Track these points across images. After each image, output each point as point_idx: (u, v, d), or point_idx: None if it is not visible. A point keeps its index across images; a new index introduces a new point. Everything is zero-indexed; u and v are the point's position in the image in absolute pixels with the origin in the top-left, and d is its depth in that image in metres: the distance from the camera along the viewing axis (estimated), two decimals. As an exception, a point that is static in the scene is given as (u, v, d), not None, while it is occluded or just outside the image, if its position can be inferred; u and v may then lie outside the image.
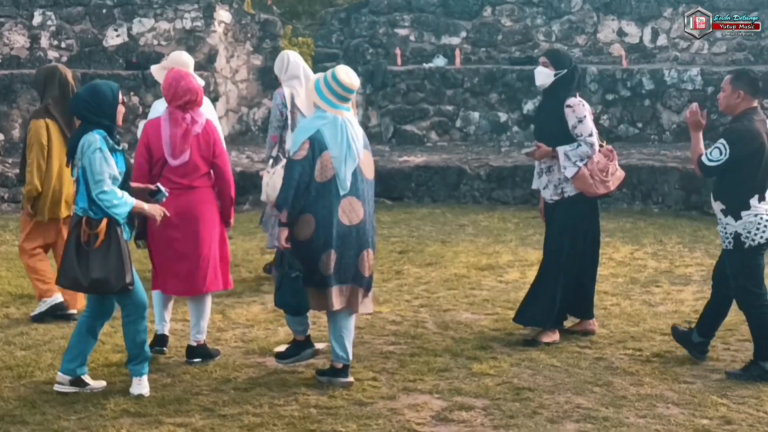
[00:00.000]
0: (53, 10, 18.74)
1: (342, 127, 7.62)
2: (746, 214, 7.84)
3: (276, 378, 7.81)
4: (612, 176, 8.69)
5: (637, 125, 17.67)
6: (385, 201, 15.70)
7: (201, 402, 7.32)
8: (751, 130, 7.86)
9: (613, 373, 7.94)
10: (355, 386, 7.58)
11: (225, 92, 19.24)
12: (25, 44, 18.54)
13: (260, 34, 19.97)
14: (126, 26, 18.91)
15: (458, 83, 18.36)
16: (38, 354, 8.49)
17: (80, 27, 18.80)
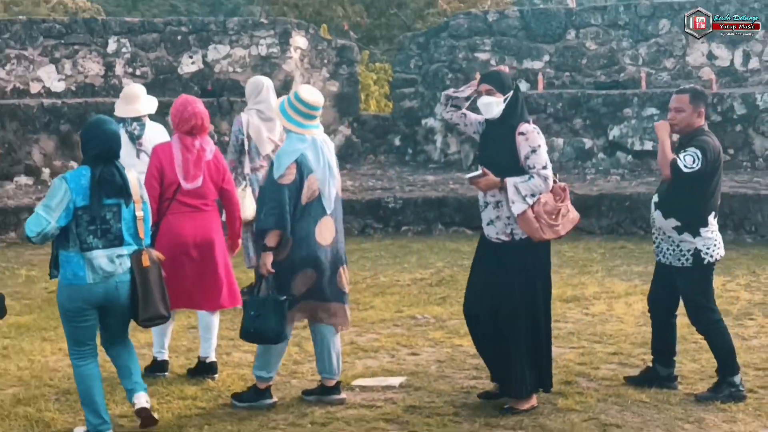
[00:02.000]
0: (128, 37, 19.04)
1: (321, 149, 7.89)
2: (705, 230, 7.93)
3: (354, 413, 7.80)
4: (563, 219, 7.64)
5: (729, 151, 17.43)
6: (465, 230, 15.72)
7: (281, 436, 7.38)
8: (716, 145, 7.99)
9: (705, 410, 7.82)
10: (435, 422, 7.57)
11: (301, 119, 19.37)
12: (99, 72, 18.85)
13: (337, 60, 20.12)
14: (201, 53, 19.17)
15: (541, 108, 18.32)
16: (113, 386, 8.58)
17: (155, 54, 19.09)
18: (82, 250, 7.21)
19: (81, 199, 7.21)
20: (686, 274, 8.02)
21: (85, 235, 7.22)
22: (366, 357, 9.33)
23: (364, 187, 17.08)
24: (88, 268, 7.22)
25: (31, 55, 18.68)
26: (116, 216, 7.32)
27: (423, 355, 9.35)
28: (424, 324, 10.49)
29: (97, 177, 7.25)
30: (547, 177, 7.49)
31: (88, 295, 7.25)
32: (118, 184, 7.33)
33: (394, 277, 12.77)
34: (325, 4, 37.35)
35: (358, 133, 20.13)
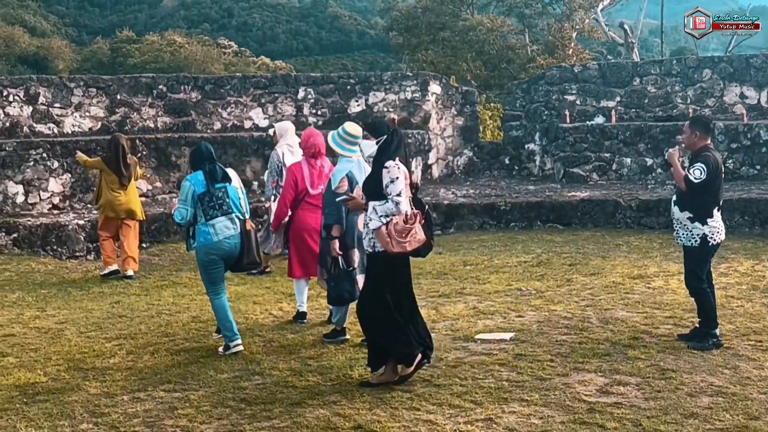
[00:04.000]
0: (312, 87, 19.34)
1: (362, 167, 8.27)
2: (711, 221, 8.16)
3: (476, 359, 7.82)
4: (411, 238, 7.07)
5: (756, 167, 17.04)
6: (557, 226, 15.60)
7: (420, 374, 7.36)
8: (715, 159, 8.21)
9: (739, 359, 7.67)
10: (536, 365, 7.54)
11: (436, 145, 19.44)
12: (292, 112, 19.17)
13: (462, 102, 20.13)
14: (364, 98, 19.35)
15: (614, 136, 18.07)
16: (303, 336, 8.77)
17: (331, 99, 19.34)
18: (206, 220, 8.22)
19: (200, 188, 8.26)
20: (693, 251, 8.25)
21: (208, 210, 8.23)
22: (485, 318, 9.33)
23: (482, 195, 17.07)
24: (213, 232, 8.22)
25: (245, 101, 19.08)
26: (225, 194, 8.33)
27: (527, 317, 9.31)
28: (528, 294, 10.43)
29: (207, 171, 8.33)
30: (398, 203, 7.08)
31: (216, 249, 8.24)
32: (220, 173, 8.38)
33: (505, 260, 12.73)
34: (453, 62, 37.39)
35: (477, 155, 20.12)
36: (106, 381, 7.54)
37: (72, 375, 7.76)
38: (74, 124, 17.99)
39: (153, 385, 7.39)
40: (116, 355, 8.33)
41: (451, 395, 6.88)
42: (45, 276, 12.73)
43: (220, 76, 21.88)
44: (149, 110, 18.60)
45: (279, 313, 9.90)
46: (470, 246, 14.05)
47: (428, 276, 11.70)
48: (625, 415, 6.39)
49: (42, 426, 6.51)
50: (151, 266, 13.14)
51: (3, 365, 8.14)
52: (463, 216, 16.02)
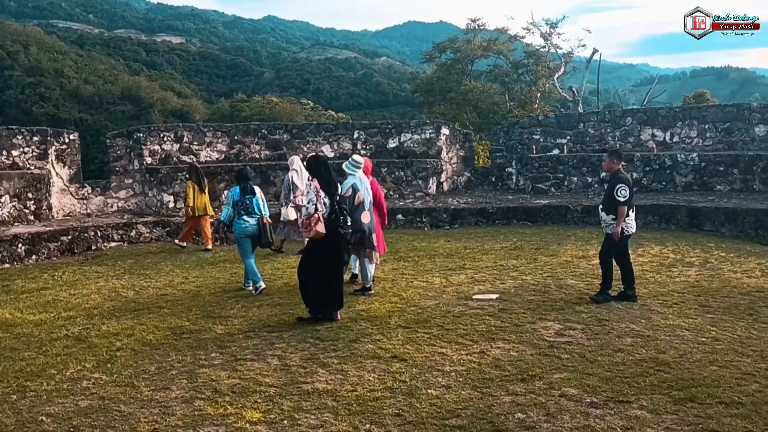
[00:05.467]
0: (363, 131, 19.30)
1: (362, 181, 8.65)
2: (627, 219, 8.06)
3: (473, 311, 7.77)
4: (312, 230, 7.34)
5: (662, 183, 16.73)
6: (527, 223, 15.44)
7: (436, 322, 7.37)
8: (628, 178, 8.15)
9: (651, 313, 7.55)
10: (514, 316, 7.47)
11: (445, 169, 19.34)
12: (350, 147, 19.13)
13: (463, 140, 19.95)
14: (397, 137, 19.28)
15: (565, 162, 17.84)
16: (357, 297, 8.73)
17: (375, 138, 19.28)
18: (238, 217, 9.27)
19: (237, 197, 9.32)
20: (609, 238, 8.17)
21: (240, 211, 9.27)
22: (478, 285, 9.25)
23: (476, 202, 16.93)
24: (242, 223, 9.24)
25: (318, 140, 19.10)
26: (251, 203, 9.29)
27: (507, 284, 9.21)
28: (507, 269, 10.31)
29: (242, 187, 9.37)
30: (308, 208, 7.53)
31: (244, 232, 9.25)
32: (250, 189, 9.38)
33: (492, 245, 12.59)
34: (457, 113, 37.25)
35: (473, 176, 19.93)
36: (228, 325, 7.59)
37: (206, 321, 7.83)
38: (206, 155, 18.13)
39: (259, 328, 7.44)
40: (234, 308, 8.38)
41: (457, 336, 6.87)
42: (187, 255, 12.84)
43: (302, 124, 21.91)
44: (255, 146, 18.69)
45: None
46: (469, 236, 13.97)
47: (441, 256, 11.64)
48: (574, 350, 6.33)
49: (186, 354, 6.57)
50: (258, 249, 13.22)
51: (160, 314, 8.23)
52: (464, 216, 15.93)
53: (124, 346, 6.93)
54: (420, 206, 16.42)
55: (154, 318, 8.06)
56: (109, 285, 10.29)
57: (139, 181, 17.18)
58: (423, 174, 18.37)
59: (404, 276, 10.05)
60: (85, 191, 16.65)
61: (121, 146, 17.31)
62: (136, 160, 17.19)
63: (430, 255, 11.83)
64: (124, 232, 14.66)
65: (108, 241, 14.38)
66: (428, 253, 11.98)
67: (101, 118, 58.95)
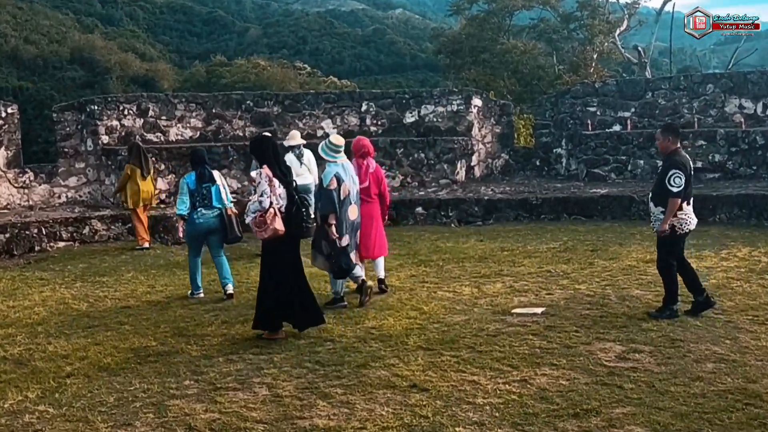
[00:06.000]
0: (373, 102, 19.35)
1: (346, 169, 8.77)
2: (680, 213, 7.97)
3: (513, 329, 7.78)
4: (268, 229, 7.51)
5: (753, 167, 16.65)
6: (581, 218, 15.42)
7: (466, 342, 7.38)
8: (685, 160, 8.04)
9: (738, 331, 7.52)
10: (564, 335, 7.48)
11: (477, 150, 19.33)
12: (357, 123, 19.21)
13: (499, 113, 19.97)
14: (417, 110, 19.30)
15: (629, 141, 17.81)
16: (366, 310, 8.78)
17: (389, 111, 19.31)
18: (194, 209, 9.63)
19: (192, 185, 9.66)
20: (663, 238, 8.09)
21: (196, 203, 9.64)
22: (519, 295, 9.27)
23: (516, 191, 16.94)
24: (196, 216, 9.64)
25: (317, 114, 19.17)
26: (208, 192, 9.66)
27: (555, 295, 9.23)
28: (556, 275, 10.33)
29: (198, 173, 9.70)
30: (260, 201, 7.59)
31: (198, 226, 9.68)
32: (208, 175, 9.72)
33: (536, 246, 12.62)
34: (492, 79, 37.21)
35: (512, 158, 19.96)
36: (205, 345, 7.65)
37: (177, 340, 7.89)
38: (177, 133, 18.24)
39: (243, 348, 7.49)
40: (213, 324, 8.44)
41: (492, 360, 6.87)
42: (154, 259, 12.94)
43: (297, 93, 21.98)
44: (239, 122, 18.77)
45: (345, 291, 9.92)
46: (507, 235, 13.97)
47: (471, 260, 11.66)
48: (640, 377, 6.32)
49: (152, 382, 6.62)
50: (241, 251, 13.25)
51: (121, 332, 8.30)
52: (500, 209, 15.92)
53: (76, 372, 6.99)
54: (445, 196, 16.42)
55: (113, 336, 8.12)
56: (57, 295, 10.37)
57: (94, 165, 17.31)
58: (449, 156, 18.39)
59: (425, 285, 10.06)
60: (27, 178, 16.78)
61: (71, 122, 17.43)
62: (90, 140, 17.30)
63: (458, 258, 11.84)
64: (75, 229, 14.78)
65: (55, 241, 14.49)
66: (456, 256, 11.98)
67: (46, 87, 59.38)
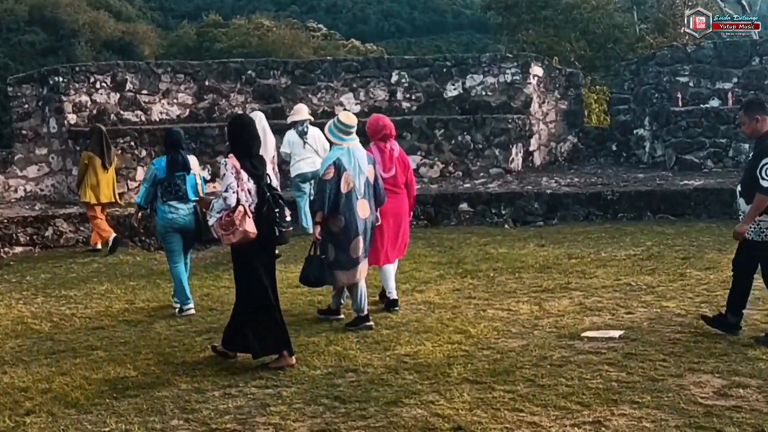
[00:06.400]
0: (406, 70, 19.40)
1: (353, 154, 8.87)
2: None
3: (582, 358, 7.74)
4: (236, 232, 7.58)
5: None
6: (669, 216, 15.34)
7: (524, 374, 7.35)
8: None
9: None
10: (648, 365, 7.43)
11: (537, 131, 19.29)
12: (385, 97, 19.27)
13: (565, 84, 19.94)
14: (461, 81, 19.31)
15: (730, 120, 17.65)
16: (398, 332, 8.79)
17: (426, 83, 19.35)
18: (163, 202, 9.83)
19: (161, 173, 9.81)
20: (759, 246, 8.03)
21: (165, 193, 9.83)
22: (591, 315, 9.23)
23: (587, 183, 16.88)
24: (167, 210, 9.83)
25: (335, 86, 19.25)
26: (182, 182, 9.82)
27: (637, 314, 9.17)
28: (638, 290, 10.28)
29: (170, 159, 9.85)
30: (225, 198, 7.65)
31: (170, 224, 9.85)
32: (182, 162, 9.85)
33: (612, 253, 12.56)
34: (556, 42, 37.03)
35: (582, 141, 19.92)
36: (197, 376, 7.68)
37: (162, 369, 7.93)
38: (162, 111, 18.39)
39: (244, 380, 7.51)
40: (206, 350, 8.48)
41: (557, 396, 6.82)
42: (133, 268, 13.05)
43: (310, 60, 22.10)
44: (238, 96, 18.90)
45: (372, 308, 9.94)
46: (575, 238, 13.91)
47: (530, 270, 11.63)
48: (746, 419, 6.25)
49: (132, 422, 6.66)
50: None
51: (92, 359, 8.36)
52: (566, 206, 15.87)
53: (37, 408, 7.04)
54: (497, 190, 16.39)
55: (83, 364, 8.18)
56: (13, 313, 10.48)
57: (58, 151, 17.48)
58: (502, 139, 18.37)
59: (472, 301, 10.05)
60: (-24, 167, 16.97)
61: (30, 97, 17.63)
62: (54, 119, 17.49)
63: (514, 268, 11.83)
64: (36, 230, 14.94)
65: (11, 245, 14.67)
66: (510, 265, 11.98)
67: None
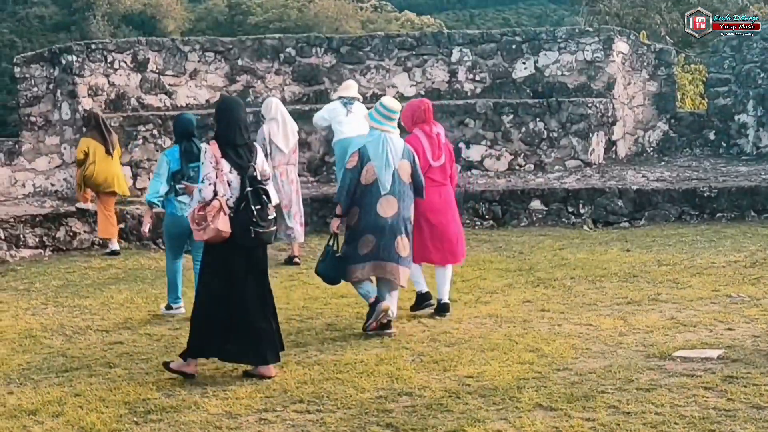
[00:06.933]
0: (469, 47, 19.33)
1: (383, 142, 9.22)
2: None
3: (675, 381, 7.66)
4: (208, 229, 7.87)
5: None
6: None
7: (606, 399, 7.28)
8: None
9: None
10: (752, 390, 7.33)
11: (622, 117, 19.14)
12: (444, 78, 19.23)
13: (655, 63, 19.74)
14: (533, 59, 19.22)
15: None
16: (460, 350, 8.76)
17: (492, 61, 19.28)
18: (176, 195, 10.17)
19: (175, 164, 10.13)
20: None
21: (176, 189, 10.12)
22: (685, 331, 9.15)
23: (680, 178, 16.73)
24: (180, 207, 10.14)
25: (387, 65, 19.24)
26: (197, 174, 9.34)
27: (739, 331, 9.07)
28: (740, 302, 10.16)
29: (183, 149, 10.18)
30: (201, 190, 8.02)
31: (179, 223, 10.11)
32: (196, 152, 9.84)
33: (710, 259, 12.44)
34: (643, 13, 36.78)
35: (674, 129, 19.72)
36: (228, 398, 7.70)
37: (188, 390, 7.96)
38: (189, 95, 18.50)
39: (282, 404, 7.51)
40: (239, 367, 8.52)
41: (644, 426, 6.76)
42: (156, 274, 13.11)
43: (358, 36, 22.10)
44: (275, 78, 18.96)
45: (430, 321, 9.93)
46: (666, 241, 13.81)
47: (614, 278, 11.57)
48: None
49: (155, 450, 6.71)
50: (278, 262, 13.36)
51: (110, 378, 8.42)
52: (656, 205, 15.75)
53: (48, 433, 7.11)
54: (575, 185, 16.32)
55: (99, 384, 8.23)
56: (21, 325, 10.59)
57: (72, 140, 17.63)
58: (580, 126, 18.28)
59: (546, 314, 10.03)
60: (-21, 159, 17.18)
61: (40, 79, 17.80)
62: (66, 104, 17.65)
63: (594, 275, 11.79)
64: (46, 230, 15.09)
65: (17, 247, 14.83)
66: (590, 273, 11.94)
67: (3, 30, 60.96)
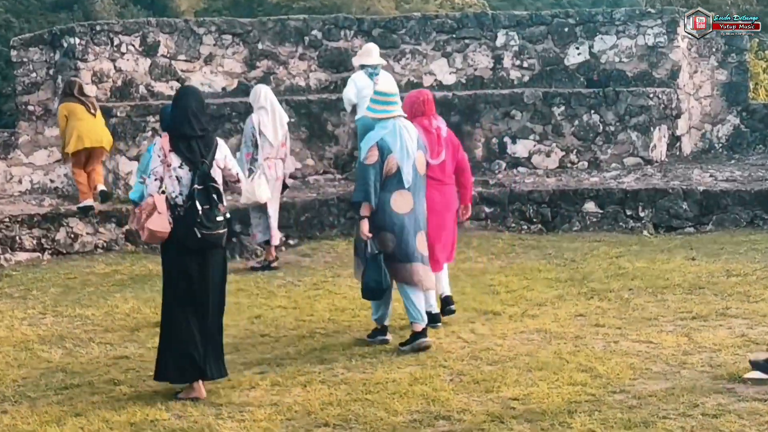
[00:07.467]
0: (516, 30, 19.29)
1: (400, 132, 9.37)
2: None
3: (746, 405, 7.61)
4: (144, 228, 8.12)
5: None
6: None
7: (668, 426, 7.26)
8: None
9: None
10: None
11: (687, 109, 19.07)
12: (488, 65, 19.19)
13: (725, 49, 19.63)
14: (587, 44, 19.16)
15: None
16: (504, 369, 8.77)
17: (542, 46, 19.23)
18: None
19: None
20: None
21: None
22: (757, 350, 9.08)
23: (753, 178, 16.62)
24: None
25: (424, 50, 19.23)
26: None
27: (818, 350, 9.02)
28: (820, 319, 10.13)
29: None
30: (147, 185, 8.30)
31: None
32: None
33: (786, 269, 12.39)
34: (712, -8, 36.61)
35: (746, 123, 19.60)
36: (245, 420, 7.73)
37: (201, 411, 8.00)
38: (203, 81, 18.54)
39: (305, 427, 7.54)
40: (258, 387, 8.54)
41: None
42: (165, 280, 13.19)
43: (392, 18, 22.09)
44: (299, 63, 18.99)
45: (470, 336, 9.94)
46: (736, 249, 13.76)
47: (677, 290, 11.53)
48: None
49: (164, 477, 6.77)
50: (300, 270, 13.40)
51: (114, 396, 8.47)
52: (725, 208, 15.66)
53: (46, 457, 7.19)
54: (634, 186, 16.29)
55: (102, 402, 8.29)
56: (16, 336, 10.68)
57: (73, 132, 17.73)
58: (640, 119, 18.23)
59: (600, 330, 10.02)
60: (-29, 152, 17.31)
61: (39, 63, 17.92)
62: (68, 92, 17.74)
63: (655, 287, 11.76)
64: (45, 232, 15.19)
65: (13, 250, 14.93)
66: (650, 284, 11.92)
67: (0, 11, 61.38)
